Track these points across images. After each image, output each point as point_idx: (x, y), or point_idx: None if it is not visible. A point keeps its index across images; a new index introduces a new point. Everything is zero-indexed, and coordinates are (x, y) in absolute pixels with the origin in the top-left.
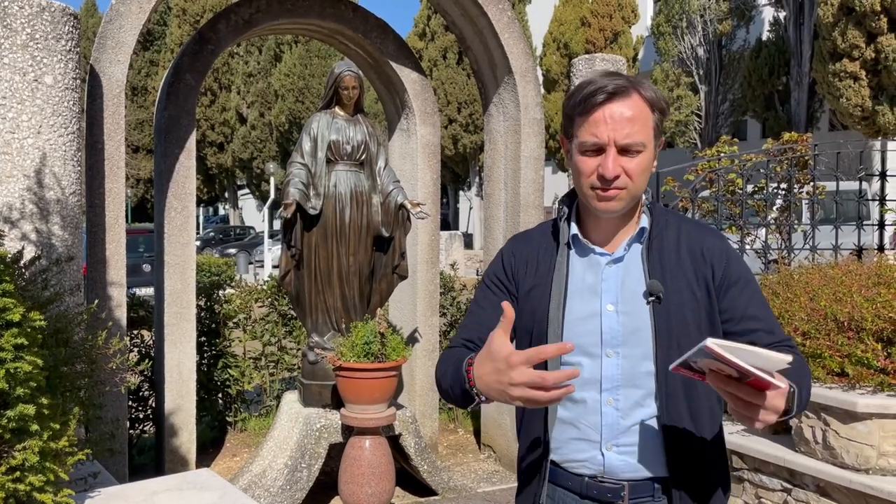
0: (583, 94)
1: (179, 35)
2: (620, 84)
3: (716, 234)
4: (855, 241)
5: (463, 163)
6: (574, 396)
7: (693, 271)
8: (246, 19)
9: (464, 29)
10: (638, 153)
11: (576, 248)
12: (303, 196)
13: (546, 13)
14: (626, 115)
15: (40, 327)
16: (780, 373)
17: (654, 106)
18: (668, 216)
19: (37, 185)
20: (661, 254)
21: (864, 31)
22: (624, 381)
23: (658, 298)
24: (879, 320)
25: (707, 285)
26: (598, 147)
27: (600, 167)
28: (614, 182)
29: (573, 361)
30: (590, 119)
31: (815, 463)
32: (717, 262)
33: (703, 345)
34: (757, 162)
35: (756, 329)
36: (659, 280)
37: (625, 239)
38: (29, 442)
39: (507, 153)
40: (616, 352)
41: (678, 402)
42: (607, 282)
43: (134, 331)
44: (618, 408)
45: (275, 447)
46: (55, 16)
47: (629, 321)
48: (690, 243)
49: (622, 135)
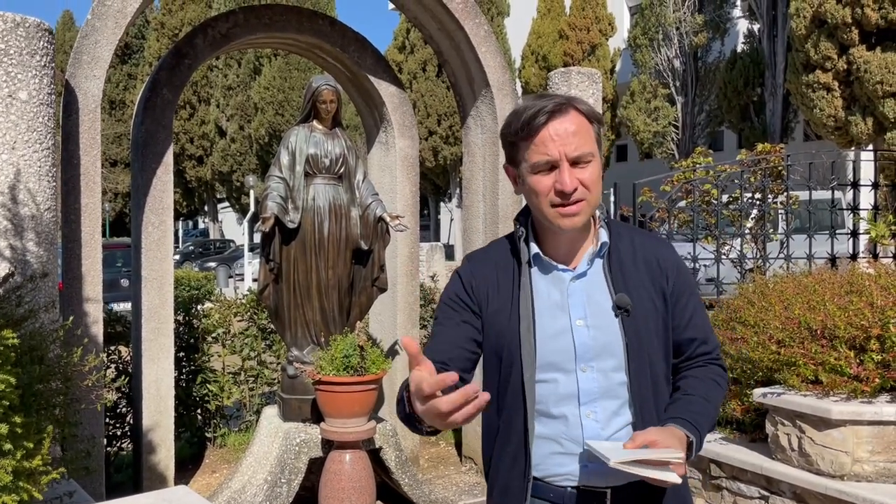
0: (523, 119)
1: (157, 48)
2: (557, 102)
3: (666, 244)
4: (828, 250)
5: (443, 174)
6: (553, 412)
7: (650, 281)
8: (223, 34)
9: (441, 43)
10: (588, 163)
11: (537, 266)
12: (281, 209)
13: (524, 26)
14: (570, 130)
15: (13, 345)
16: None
17: (591, 117)
18: (619, 228)
19: (11, 202)
20: (621, 266)
21: (837, 42)
22: (601, 394)
23: (627, 311)
24: (852, 328)
25: (664, 294)
26: (551, 164)
27: (557, 183)
28: (573, 195)
29: (547, 378)
30: (536, 140)
31: (792, 470)
32: (671, 272)
33: (609, 465)
34: (732, 172)
35: (695, 338)
36: (623, 293)
37: (584, 253)
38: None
39: (486, 165)
40: (590, 366)
41: (649, 407)
42: (573, 297)
43: (111, 347)
44: (597, 420)
45: (254, 463)
46: (30, 31)
47: (600, 335)
48: (646, 254)
49: (571, 148)
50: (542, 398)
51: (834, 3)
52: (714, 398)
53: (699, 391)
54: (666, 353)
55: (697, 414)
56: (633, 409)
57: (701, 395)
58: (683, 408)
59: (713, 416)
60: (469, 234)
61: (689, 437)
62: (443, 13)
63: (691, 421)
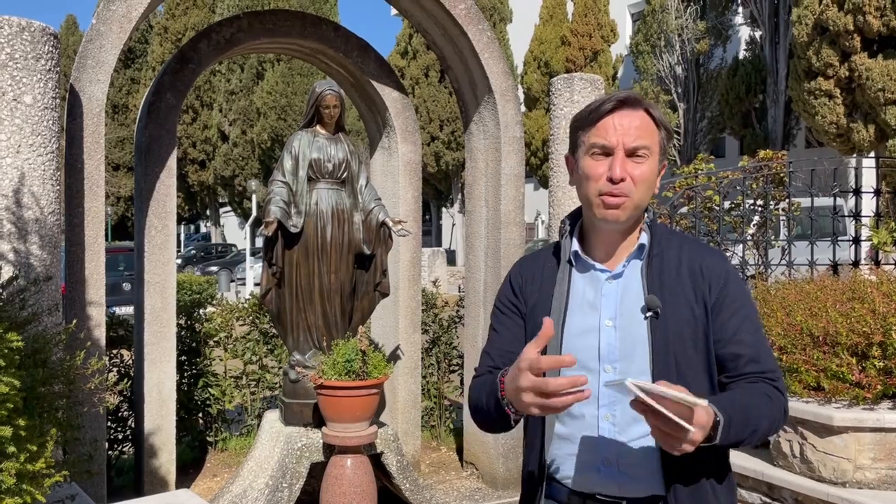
0: (593, 106)
1: (161, 53)
2: (632, 95)
3: (718, 254)
4: (830, 257)
5: (445, 180)
6: (572, 412)
7: (692, 289)
8: (227, 39)
9: (444, 49)
10: (644, 158)
11: (577, 265)
12: (284, 214)
13: (527, 32)
14: (635, 124)
15: (17, 348)
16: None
17: (660, 123)
18: (670, 235)
19: (15, 205)
20: (660, 271)
21: (838, 50)
22: (621, 397)
23: (656, 314)
24: (854, 335)
25: (705, 303)
26: (607, 150)
27: (609, 169)
28: (621, 185)
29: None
30: (599, 125)
31: (793, 477)
32: (715, 282)
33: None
34: (733, 179)
35: (741, 354)
36: (657, 296)
37: (624, 255)
38: (5, 464)
39: (488, 171)
40: (614, 367)
41: None
42: (606, 297)
43: (113, 350)
44: (615, 423)
45: (255, 467)
46: (35, 36)
47: (627, 336)
48: (691, 262)
49: (631, 138)
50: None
51: (836, 11)
52: (757, 406)
53: (742, 395)
54: (708, 368)
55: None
56: None
57: (744, 397)
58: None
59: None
60: (471, 240)
61: (717, 416)
62: (446, 19)
63: (725, 409)
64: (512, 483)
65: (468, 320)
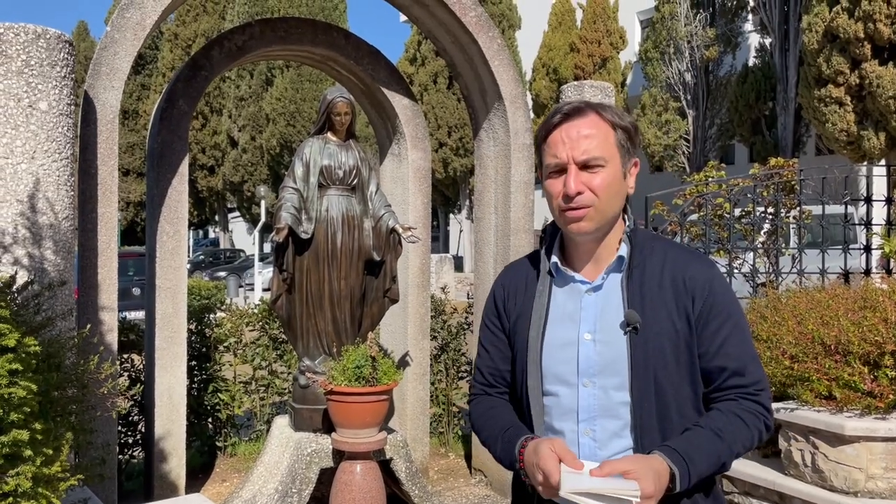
0: (545, 121)
1: (171, 59)
2: (576, 105)
3: (704, 262)
4: (841, 265)
5: (453, 186)
6: (553, 426)
7: (674, 301)
8: (239, 46)
9: (454, 56)
10: (599, 168)
11: (557, 277)
12: (295, 220)
13: (535, 39)
14: (583, 133)
15: (34, 352)
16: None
17: (614, 124)
18: (654, 242)
19: (30, 210)
20: (641, 282)
21: (849, 57)
22: (600, 412)
23: (635, 329)
24: (866, 343)
25: (688, 315)
26: (560, 167)
27: (564, 186)
28: (577, 199)
29: (553, 391)
30: (549, 141)
31: (805, 486)
32: (699, 293)
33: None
34: (744, 186)
35: (726, 367)
36: (638, 310)
37: (604, 266)
38: (22, 467)
39: (498, 178)
40: (592, 381)
41: (653, 435)
42: (586, 310)
43: (124, 355)
44: (595, 438)
45: (265, 472)
46: (50, 43)
47: (606, 350)
48: (674, 271)
49: (579, 151)
50: (548, 410)
51: (846, 18)
52: (729, 433)
53: (711, 424)
54: (693, 381)
55: (693, 447)
56: (633, 433)
57: (712, 427)
58: (682, 438)
59: (721, 453)
60: (480, 247)
61: (672, 469)
62: (456, 27)
63: (681, 452)
64: None
65: (477, 327)
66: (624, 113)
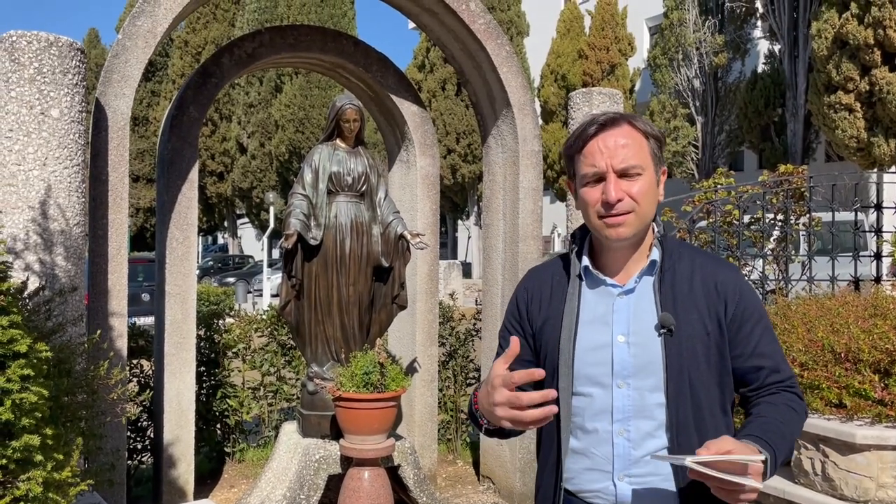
0: (576, 133)
1: (181, 66)
2: (610, 116)
3: (731, 267)
4: (851, 273)
5: (461, 192)
6: (586, 426)
7: (705, 305)
8: (249, 53)
9: (463, 63)
10: (637, 176)
11: (587, 280)
12: (304, 226)
13: (544, 46)
14: (620, 143)
15: (46, 358)
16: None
17: (647, 134)
18: (681, 248)
19: (41, 217)
20: (673, 286)
21: (859, 64)
22: (635, 413)
23: (669, 331)
24: (876, 351)
25: (719, 319)
26: (598, 176)
27: (603, 194)
28: (618, 206)
29: (584, 392)
30: (585, 152)
31: (815, 495)
32: (731, 297)
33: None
34: (753, 193)
35: (763, 367)
36: (670, 312)
37: (636, 271)
38: (33, 472)
39: (506, 184)
40: (627, 383)
41: (689, 434)
42: (618, 313)
43: (133, 360)
44: (629, 439)
45: (273, 478)
46: (62, 50)
47: (640, 353)
48: (704, 276)
49: (618, 160)
50: (578, 411)
51: (856, 25)
52: (789, 422)
53: (774, 415)
54: (721, 382)
55: (772, 433)
56: (669, 433)
57: (776, 418)
58: (758, 427)
59: (789, 441)
60: (489, 253)
61: (762, 453)
62: (465, 34)
63: (766, 439)
64: (528, 497)
65: (485, 333)
66: (652, 123)
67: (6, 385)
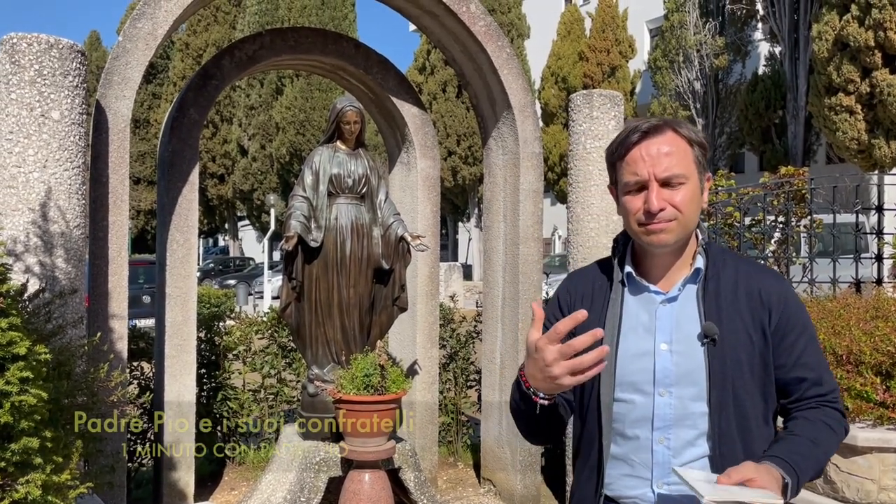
0: (619, 139)
1: (182, 68)
2: (654, 123)
3: (775, 276)
4: (853, 275)
5: (462, 194)
6: (626, 433)
7: (750, 314)
8: (249, 55)
9: (463, 65)
10: (680, 185)
11: (630, 286)
12: (304, 229)
13: (545, 48)
14: (664, 151)
15: (45, 360)
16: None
17: (691, 141)
18: (726, 256)
19: (41, 219)
20: (717, 294)
21: (859, 65)
22: (676, 421)
23: (713, 340)
24: (878, 354)
25: (763, 329)
26: (641, 184)
27: (645, 203)
28: (660, 215)
29: (625, 398)
30: (627, 159)
31: (817, 497)
32: (775, 307)
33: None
34: (754, 195)
35: (805, 378)
36: (714, 321)
37: (679, 278)
38: (32, 475)
39: (507, 186)
40: (669, 391)
41: (732, 444)
42: (661, 321)
43: (134, 363)
44: (669, 447)
45: (273, 481)
46: (63, 53)
47: (683, 361)
48: (749, 285)
49: (661, 168)
50: (619, 417)
51: (856, 27)
52: (823, 442)
53: (806, 432)
54: (764, 392)
55: (799, 455)
56: (710, 442)
57: (808, 436)
58: (785, 447)
59: (820, 460)
60: (489, 255)
61: (784, 479)
62: (466, 36)
63: (790, 462)
64: (530, 499)
65: (486, 336)
66: (698, 129)
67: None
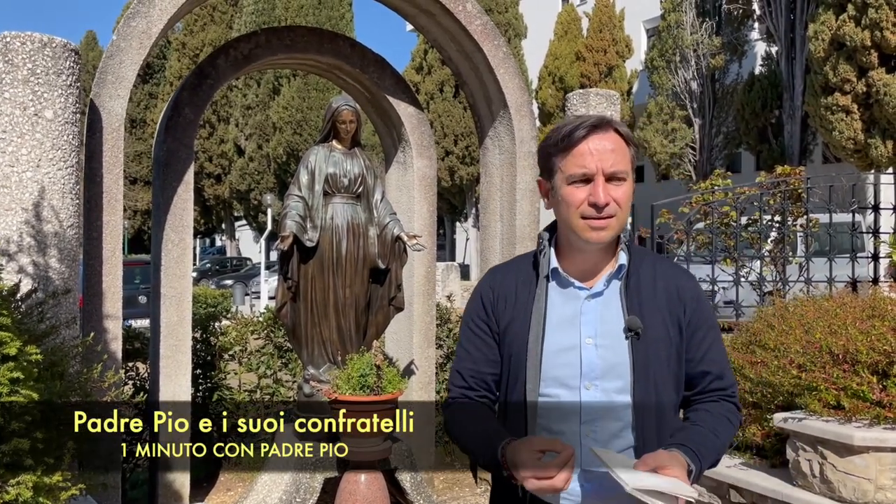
0: (563, 132)
1: (178, 68)
2: (599, 118)
3: (689, 276)
4: (849, 274)
5: (459, 194)
6: (552, 428)
7: (668, 309)
8: (245, 54)
9: (460, 64)
10: (622, 181)
11: (555, 281)
12: (299, 228)
13: (541, 48)
14: (608, 147)
15: (36, 361)
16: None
17: (629, 140)
18: (643, 254)
19: (35, 219)
20: (638, 290)
21: (856, 65)
22: (602, 414)
23: (637, 334)
24: (874, 353)
25: (679, 324)
26: (587, 177)
27: (591, 196)
28: (606, 209)
29: (550, 393)
30: (574, 152)
31: (813, 497)
32: (689, 303)
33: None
34: (751, 195)
35: (710, 372)
36: (637, 316)
37: (604, 274)
38: (23, 476)
39: (503, 186)
40: (595, 384)
41: (653, 434)
42: (586, 315)
43: (129, 363)
44: (596, 439)
45: (269, 482)
46: (56, 51)
47: (608, 355)
48: (666, 282)
49: (608, 164)
50: (545, 413)
51: (853, 26)
52: (722, 434)
53: (708, 424)
54: (677, 384)
55: (702, 446)
56: (635, 433)
57: (710, 428)
58: (690, 436)
59: (719, 451)
60: (486, 255)
61: (689, 466)
62: (462, 36)
63: (696, 451)
64: None
65: None
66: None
67: None
